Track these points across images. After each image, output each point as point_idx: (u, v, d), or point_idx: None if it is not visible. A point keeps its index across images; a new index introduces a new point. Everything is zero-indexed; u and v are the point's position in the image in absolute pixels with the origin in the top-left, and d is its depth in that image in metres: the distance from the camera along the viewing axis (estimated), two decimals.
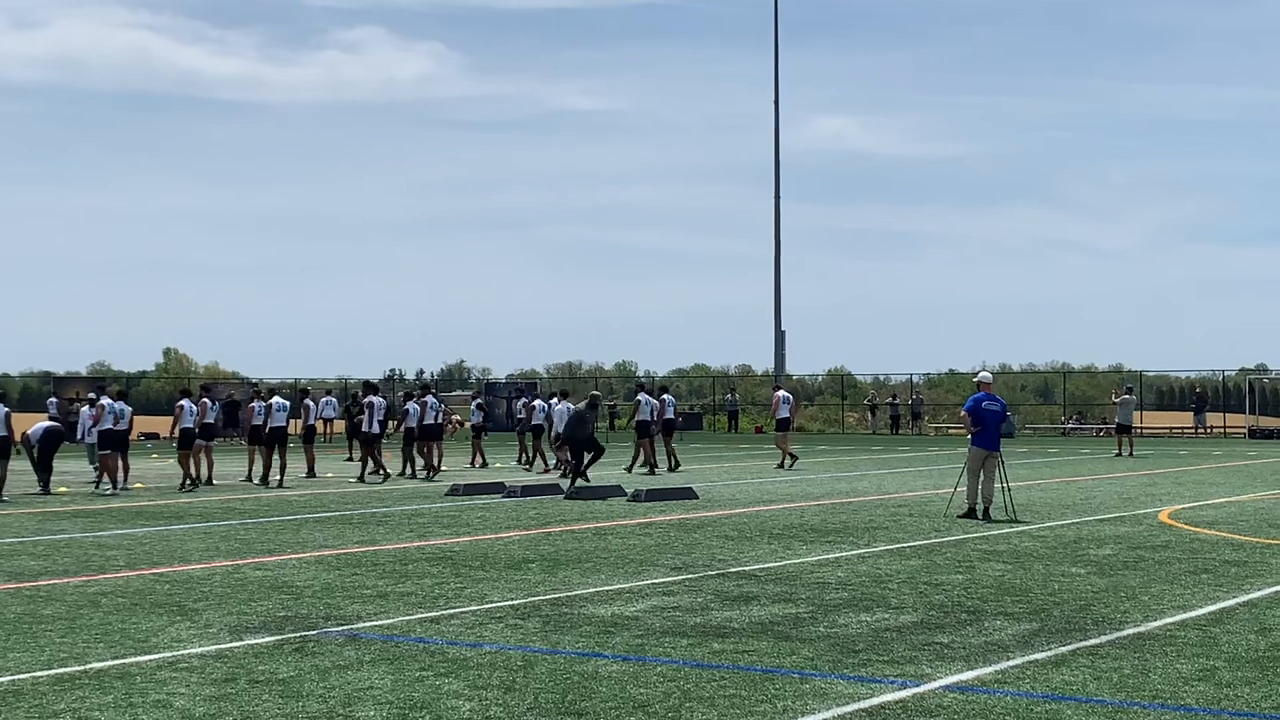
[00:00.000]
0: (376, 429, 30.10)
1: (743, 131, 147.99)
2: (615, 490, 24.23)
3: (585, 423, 27.20)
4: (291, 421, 30.49)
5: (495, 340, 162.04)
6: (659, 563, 14.78)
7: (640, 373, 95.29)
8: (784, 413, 34.44)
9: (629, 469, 31.91)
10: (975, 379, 21.09)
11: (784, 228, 73.98)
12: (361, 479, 29.56)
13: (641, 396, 32.77)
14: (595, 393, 28.80)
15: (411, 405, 30.79)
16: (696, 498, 23.39)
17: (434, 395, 32.29)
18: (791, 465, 33.42)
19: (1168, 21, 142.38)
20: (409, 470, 30.80)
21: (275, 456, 28.42)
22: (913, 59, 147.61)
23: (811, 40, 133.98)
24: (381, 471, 29.68)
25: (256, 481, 28.43)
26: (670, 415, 33.20)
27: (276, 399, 29.22)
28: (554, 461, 33.33)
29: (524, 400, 37.93)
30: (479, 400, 38.67)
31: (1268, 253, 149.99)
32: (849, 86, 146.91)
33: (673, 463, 32.44)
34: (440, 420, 31.79)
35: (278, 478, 28.27)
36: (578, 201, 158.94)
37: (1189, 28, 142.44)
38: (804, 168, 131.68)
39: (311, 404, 33.15)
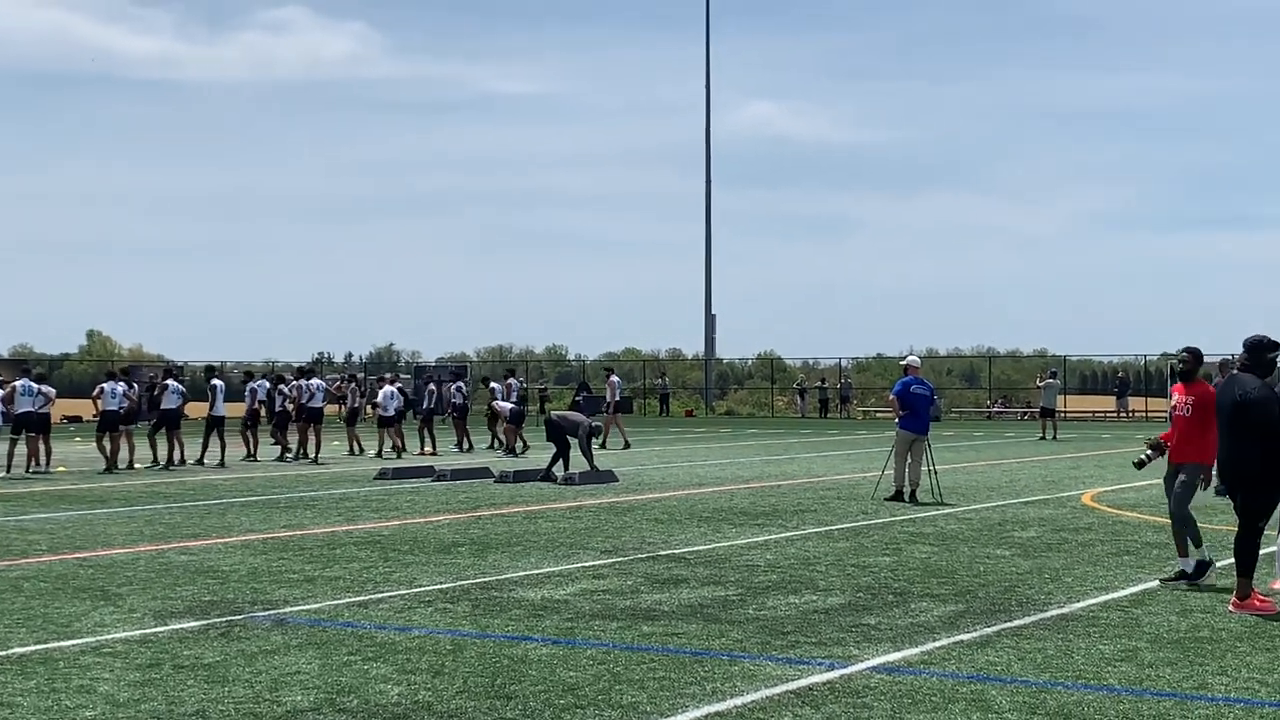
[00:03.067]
0: (277, 411, 31.31)
1: (673, 116, 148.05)
2: (484, 472, 24.66)
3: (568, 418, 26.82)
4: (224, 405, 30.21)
5: (425, 323, 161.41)
6: (589, 546, 14.79)
7: (571, 356, 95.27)
8: (617, 395, 36.89)
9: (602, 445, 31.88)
10: (903, 363, 21.25)
11: (714, 212, 74.07)
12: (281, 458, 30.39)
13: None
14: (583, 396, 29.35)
15: (286, 387, 31.35)
16: (617, 480, 23.44)
17: (317, 378, 32.46)
18: (626, 447, 34.61)
19: (1091, 9, 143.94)
20: (294, 452, 30.99)
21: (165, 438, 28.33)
22: (841, 45, 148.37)
23: (741, 25, 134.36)
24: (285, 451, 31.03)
25: (162, 466, 28.04)
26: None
27: (172, 381, 29.03)
28: (490, 442, 33.80)
29: (457, 385, 37.82)
30: (399, 384, 38.44)
31: (1189, 239, 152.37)
32: (778, 72, 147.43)
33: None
34: (350, 402, 33.32)
35: (175, 459, 28.18)
36: (508, 185, 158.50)
37: (1112, 16, 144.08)
38: (734, 153, 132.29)
39: (257, 387, 32.75)
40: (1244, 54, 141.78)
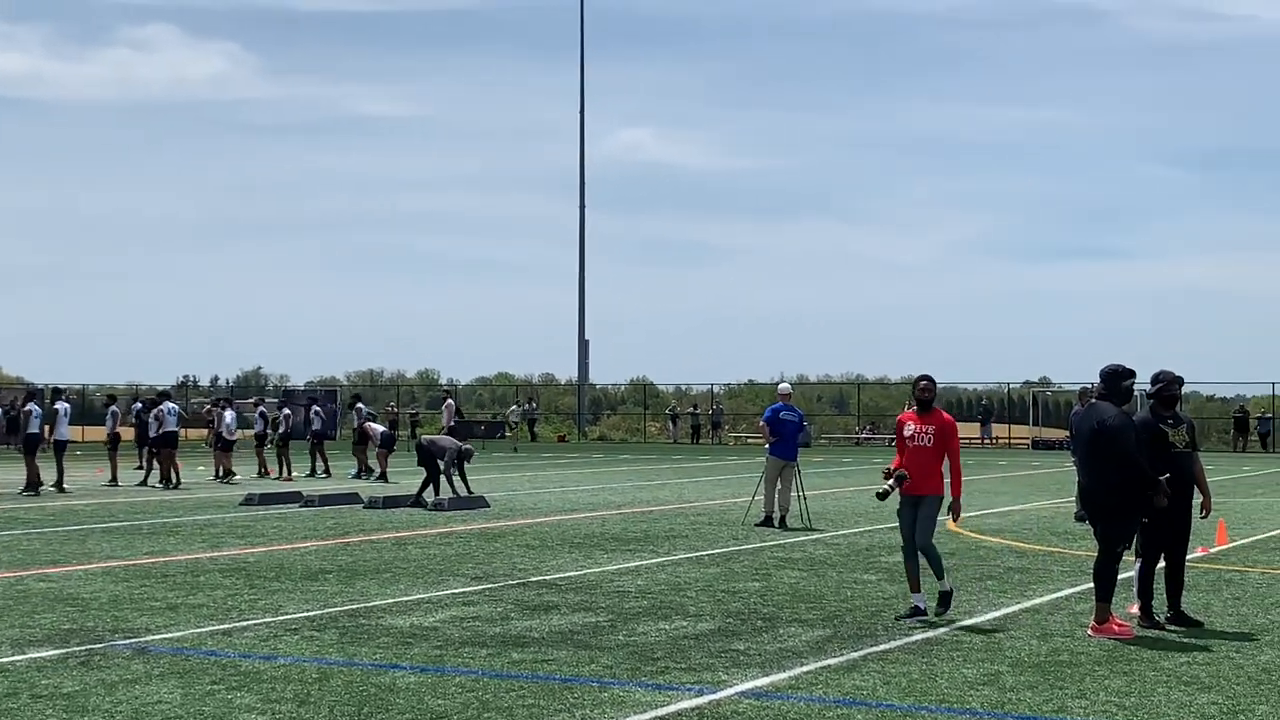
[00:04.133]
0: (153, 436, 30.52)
1: (547, 140, 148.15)
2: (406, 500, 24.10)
3: (439, 446, 26.27)
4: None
5: (294, 347, 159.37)
6: (459, 572, 14.70)
7: (443, 380, 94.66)
8: (452, 420, 35.61)
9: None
10: (778, 390, 21.46)
11: (588, 237, 74.34)
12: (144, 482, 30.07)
13: (450, 402, 34.69)
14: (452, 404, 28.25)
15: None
16: (488, 506, 23.34)
17: (170, 402, 31.81)
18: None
19: (959, 43, 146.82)
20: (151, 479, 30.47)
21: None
22: (715, 73, 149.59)
23: (616, 52, 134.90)
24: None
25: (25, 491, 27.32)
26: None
27: (33, 405, 28.36)
28: (355, 470, 33.36)
29: (316, 408, 37.26)
30: (261, 409, 37.96)
31: (1053, 269, 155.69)
32: (653, 99, 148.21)
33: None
34: (217, 426, 32.63)
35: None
36: (379, 208, 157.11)
37: (980, 50, 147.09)
38: (608, 178, 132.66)
39: (118, 410, 32.13)
40: (1109, 88, 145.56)
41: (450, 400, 36.06)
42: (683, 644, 10.44)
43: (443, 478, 24.11)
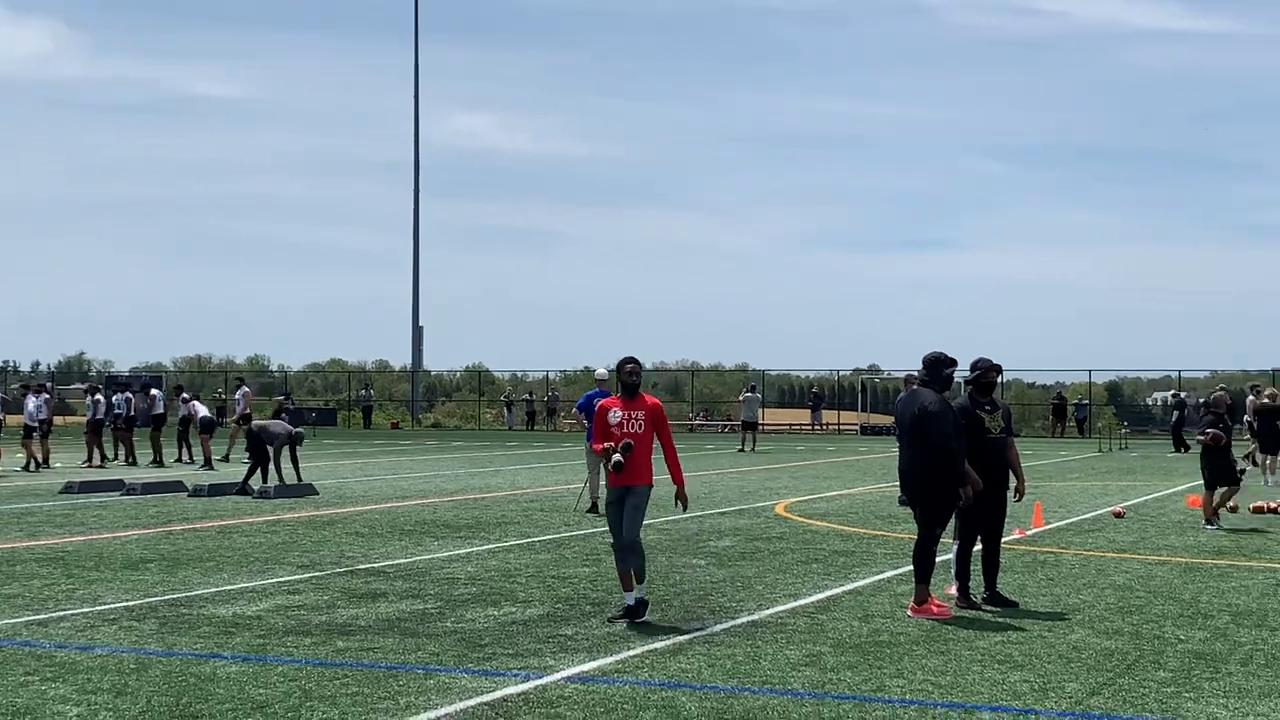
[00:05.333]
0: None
1: (382, 125, 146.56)
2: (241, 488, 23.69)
3: (270, 433, 25.49)
4: None
5: (118, 332, 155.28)
6: (285, 561, 14.50)
7: (274, 367, 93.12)
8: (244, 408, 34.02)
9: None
10: (595, 376, 21.54)
11: (423, 223, 73.75)
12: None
13: (245, 389, 33.97)
14: (290, 404, 27.26)
15: None
16: (316, 493, 23.07)
17: None
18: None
19: (796, 37, 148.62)
20: None
21: None
22: (553, 61, 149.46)
23: (451, 37, 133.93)
24: None
25: None
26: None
27: None
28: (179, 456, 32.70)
29: (124, 395, 36.28)
30: (98, 395, 36.91)
31: (883, 260, 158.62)
32: (489, 85, 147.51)
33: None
34: (94, 414, 31.93)
35: None
36: (209, 190, 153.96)
37: (811, 42, 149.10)
38: (444, 164, 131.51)
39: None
40: (934, 82, 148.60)
41: (244, 387, 35.22)
42: (511, 630, 10.44)
43: (273, 465, 23.76)
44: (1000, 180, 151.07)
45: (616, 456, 10.88)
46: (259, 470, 23.70)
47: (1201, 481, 18.79)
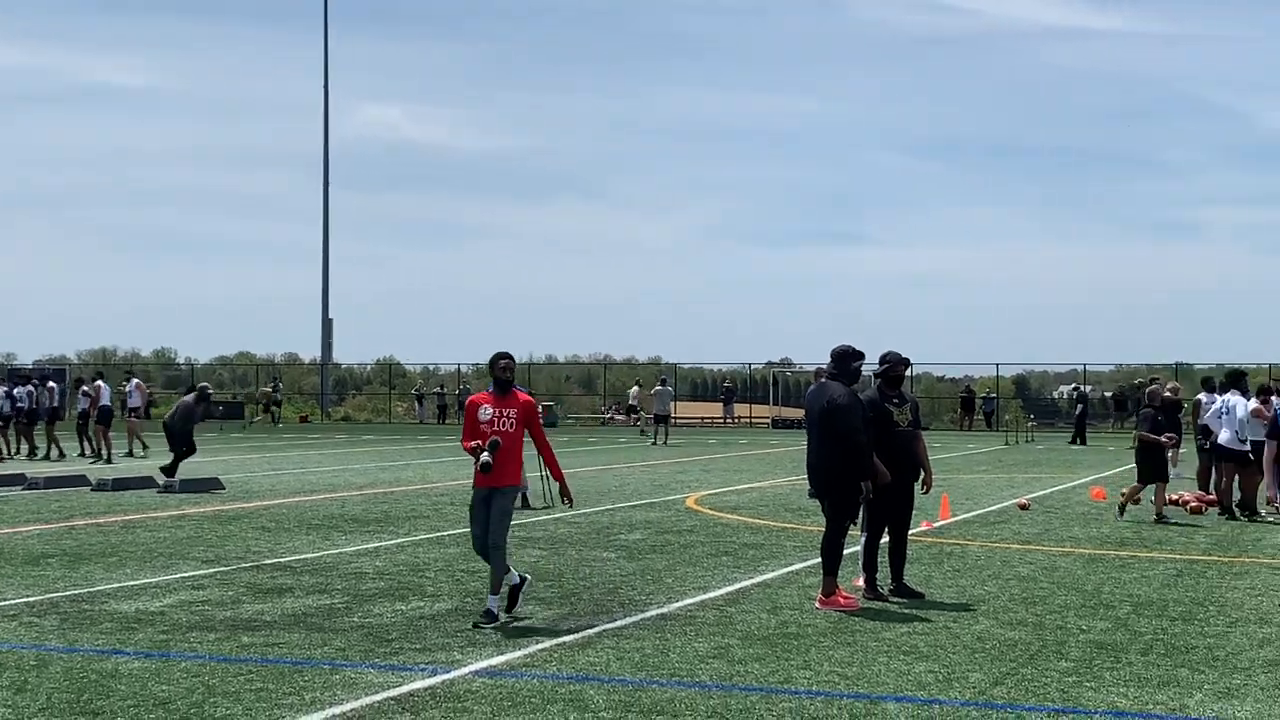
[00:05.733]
0: None
1: (290, 115, 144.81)
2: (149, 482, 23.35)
3: (192, 416, 24.95)
4: None
5: (20, 324, 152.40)
6: (190, 556, 14.32)
7: (180, 360, 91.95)
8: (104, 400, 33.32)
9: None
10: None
11: (333, 215, 73.02)
12: None
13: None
14: (204, 384, 26.44)
15: None
16: (223, 488, 22.81)
17: None
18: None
19: (711, 30, 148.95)
20: None
21: None
22: (467, 52, 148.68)
23: (361, 27, 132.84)
24: None
25: None
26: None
27: None
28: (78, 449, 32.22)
29: (24, 388, 35.57)
30: (6, 388, 36.20)
31: (795, 253, 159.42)
32: (400, 76, 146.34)
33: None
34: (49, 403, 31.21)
35: None
36: (112, 180, 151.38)
37: (729, 36, 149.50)
38: (354, 155, 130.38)
39: None
40: (851, 80, 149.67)
41: (136, 379, 34.62)
42: (419, 624, 10.38)
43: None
44: (911, 175, 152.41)
45: (485, 456, 10.40)
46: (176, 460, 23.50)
47: (1103, 473, 19.07)
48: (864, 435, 11.21)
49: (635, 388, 57.49)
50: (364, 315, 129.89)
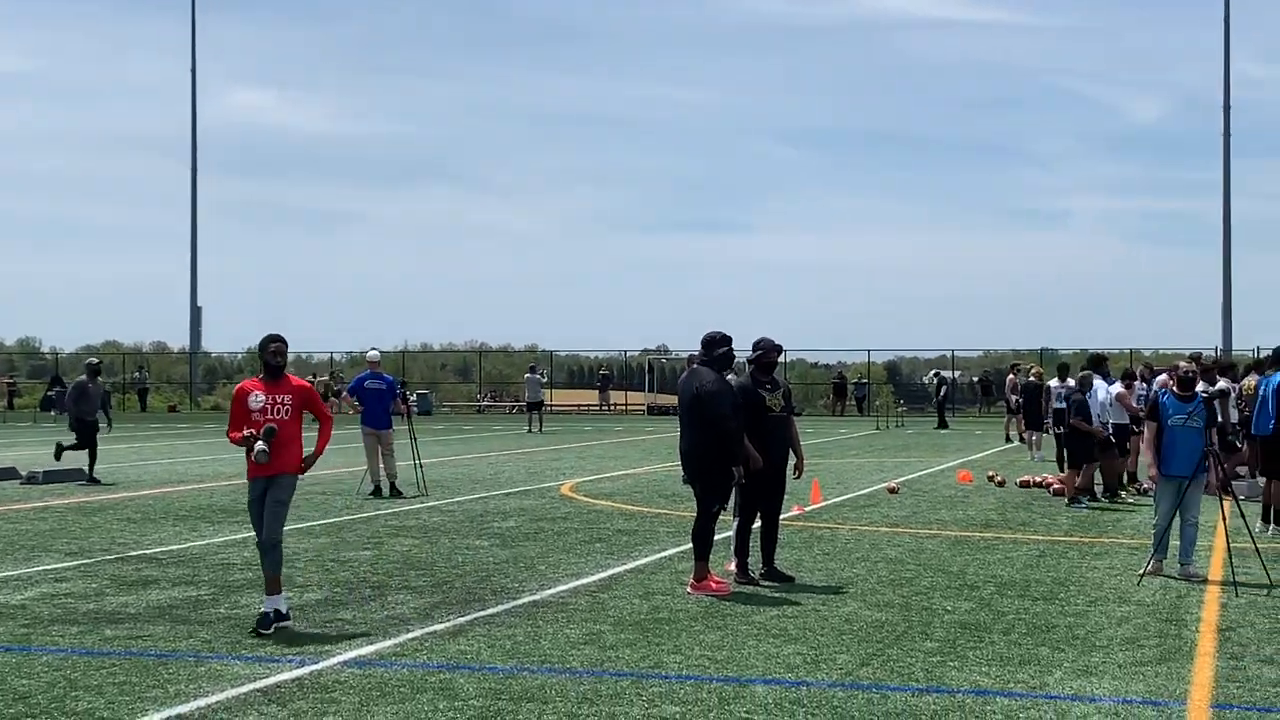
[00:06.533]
0: None
1: (156, 100, 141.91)
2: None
3: (87, 394, 23.31)
4: None
5: None
6: (52, 548, 14.01)
7: (45, 349, 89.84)
8: None
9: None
10: (367, 358, 21.37)
11: (202, 201, 71.80)
12: None
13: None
14: (93, 359, 24.93)
15: None
16: (90, 480, 22.34)
17: None
18: None
19: (580, 16, 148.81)
20: None
21: None
22: (337, 37, 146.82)
23: (229, 11, 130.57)
24: None
25: None
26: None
27: None
28: None
29: None
30: None
31: (671, 241, 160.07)
32: (270, 61, 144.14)
33: None
34: None
35: None
36: None
37: (602, 24, 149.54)
38: (223, 141, 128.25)
39: None
40: (728, 68, 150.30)
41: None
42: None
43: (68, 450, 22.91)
44: (785, 164, 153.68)
45: (260, 445, 9.71)
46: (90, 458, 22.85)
47: (970, 457, 19.40)
48: (733, 421, 11.29)
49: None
50: (234, 303, 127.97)
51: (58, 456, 23.09)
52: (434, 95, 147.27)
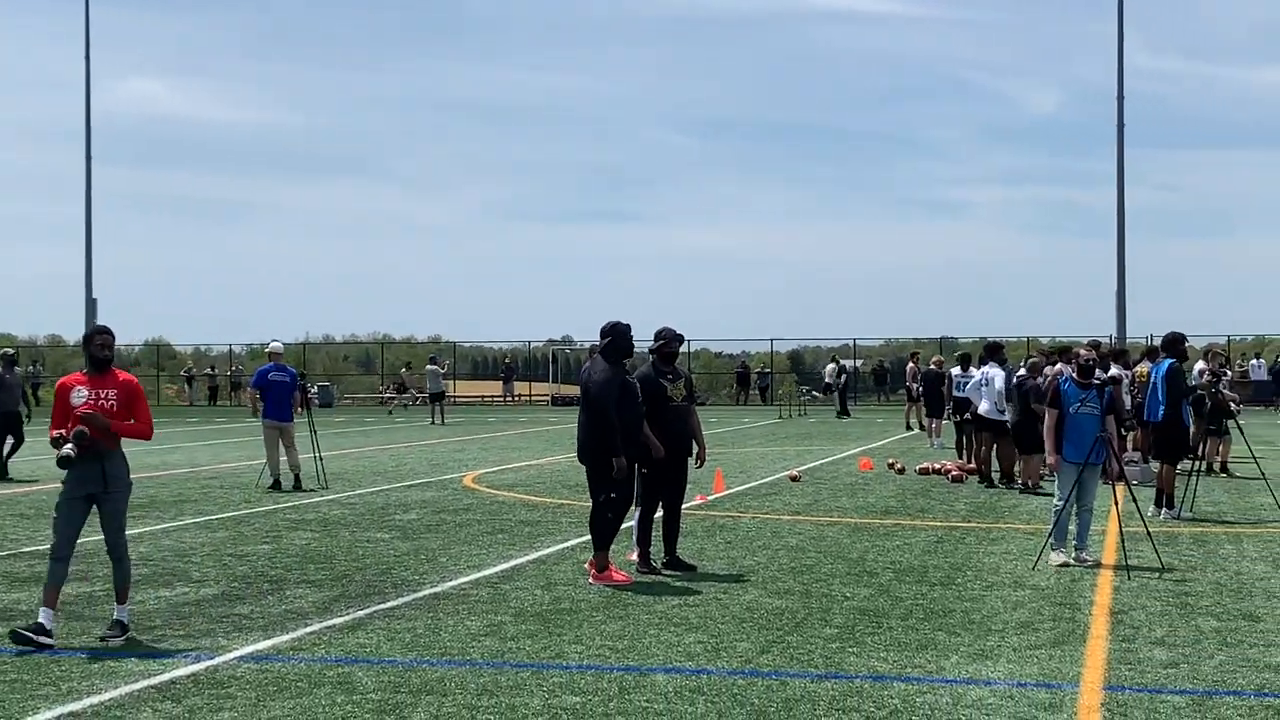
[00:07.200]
0: None
1: (51, 89, 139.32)
2: None
3: (8, 386, 22.53)
4: None
5: None
6: None
7: None
8: None
9: None
10: (268, 350, 21.11)
11: (97, 191, 70.68)
12: None
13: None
14: (6, 349, 23.81)
15: None
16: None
17: None
18: None
19: (484, 5, 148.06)
20: None
21: None
22: (238, 24, 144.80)
23: None
24: None
25: None
26: None
27: None
28: None
29: None
30: None
31: (575, 231, 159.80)
32: (166, 49, 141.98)
33: None
34: None
35: None
36: None
37: (505, 12, 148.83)
38: (118, 130, 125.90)
39: None
40: (629, 58, 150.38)
41: None
42: (183, 611, 10.14)
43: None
44: (690, 154, 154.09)
45: (67, 449, 9.00)
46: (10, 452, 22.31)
47: (870, 445, 19.57)
48: (615, 412, 11.24)
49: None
50: (131, 295, 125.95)
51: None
52: (337, 85, 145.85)
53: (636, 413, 11.45)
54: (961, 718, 7.11)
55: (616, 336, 11.57)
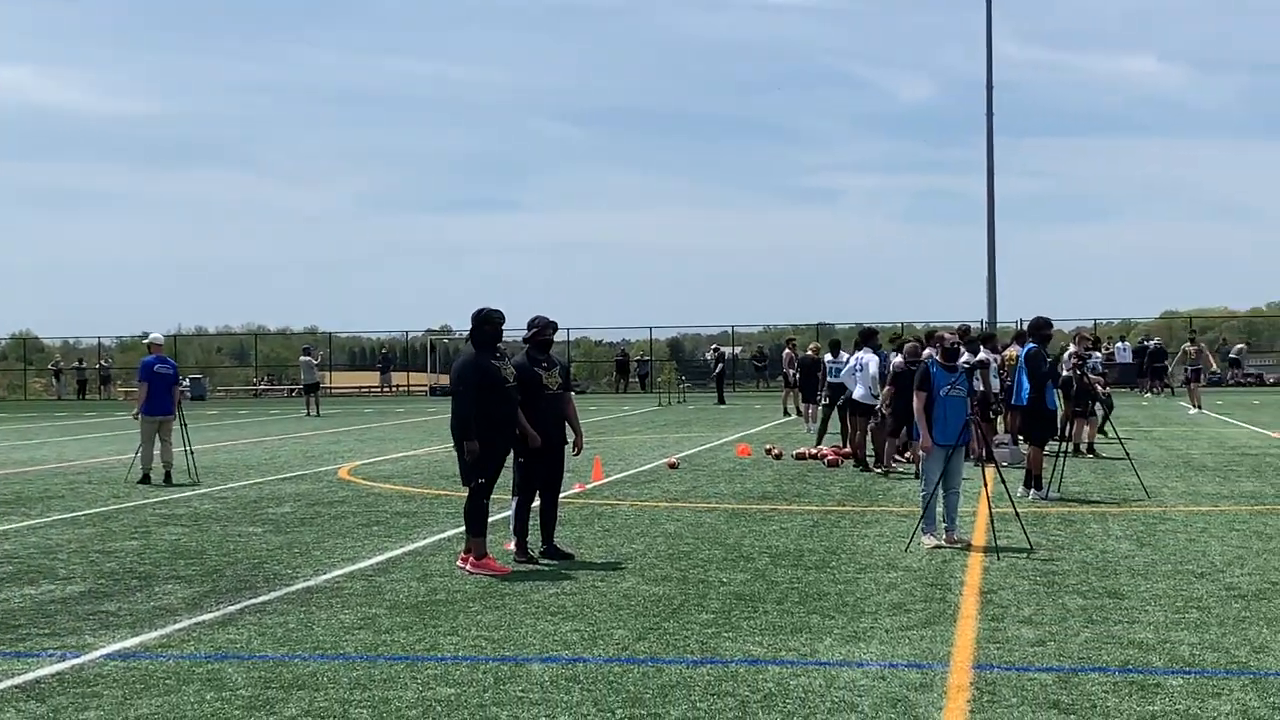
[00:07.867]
0: None
1: None
2: None
3: None
4: None
5: None
6: None
7: None
8: None
9: None
10: (146, 341, 20.73)
11: None
12: None
13: None
14: None
15: None
16: None
17: None
18: None
19: None
20: None
21: None
22: (105, 9, 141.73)
23: None
24: None
25: None
26: None
27: None
28: None
29: None
30: None
31: (453, 220, 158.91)
32: (28, 35, 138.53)
33: None
34: None
35: None
36: None
37: (385, 2, 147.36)
38: None
39: None
40: (506, 46, 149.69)
41: None
42: (49, 609, 9.90)
43: None
44: (564, 142, 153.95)
45: None
46: None
47: (748, 431, 19.69)
48: (472, 395, 11.18)
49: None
50: None
51: None
52: (211, 72, 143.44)
53: (508, 399, 11.37)
54: (834, 699, 7.18)
55: (483, 322, 11.51)
